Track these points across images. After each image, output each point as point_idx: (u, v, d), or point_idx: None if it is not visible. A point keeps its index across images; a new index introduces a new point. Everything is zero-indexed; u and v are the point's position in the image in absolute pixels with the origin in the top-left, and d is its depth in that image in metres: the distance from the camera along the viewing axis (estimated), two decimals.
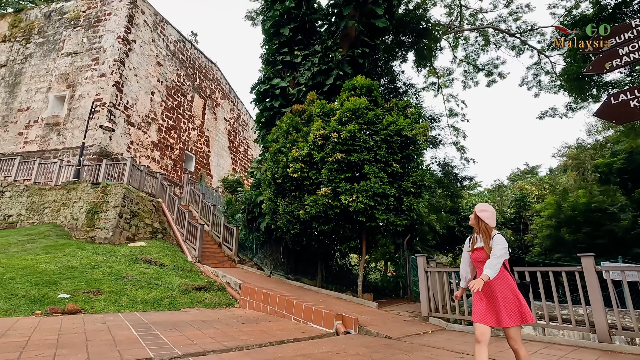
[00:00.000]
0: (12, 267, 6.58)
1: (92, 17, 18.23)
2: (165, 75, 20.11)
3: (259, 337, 4.47)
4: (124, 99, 16.89)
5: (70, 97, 16.86)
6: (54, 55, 18.10)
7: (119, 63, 16.72)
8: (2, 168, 13.92)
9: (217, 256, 10.99)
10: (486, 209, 2.94)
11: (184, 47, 22.29)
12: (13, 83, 18.36)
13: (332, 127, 7.35)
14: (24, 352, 3.27)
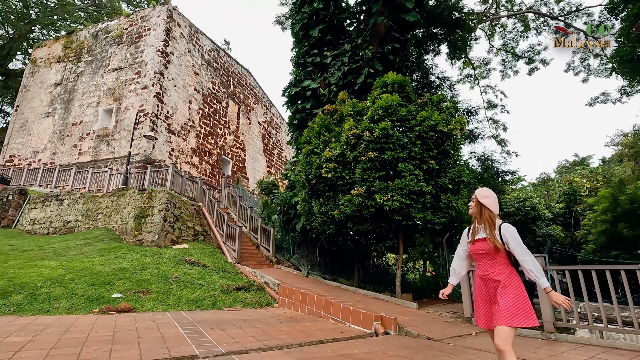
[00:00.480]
0: (72, 268, 7.16)
1: (133, 33, 19.41)
2: (201, 84, 20.96)
3: (298, 337, 4.52)
4: (165, 109, 17.81)
5: (117, 110, 18.06)
6: (102, 71, 19.48)
7: (159, 75, 17.66)
8: (61, 178, 15.19)
9: (255, 257, 11.27)
10: (489, 195, 2.63)
11: (218, 55, 23.10)
12: (67, 100, 19.98)
13: (365, 126, 7.29)
14: (84, 347, 3.54)
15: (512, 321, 2.33)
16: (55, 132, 19.50)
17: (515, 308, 2.36)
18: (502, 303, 2.40)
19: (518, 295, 2.41)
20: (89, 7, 30.55)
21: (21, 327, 4.35)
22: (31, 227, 12.77)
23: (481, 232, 2.59)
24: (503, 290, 2.44)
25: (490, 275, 2.51)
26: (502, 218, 10.31)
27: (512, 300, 2.38)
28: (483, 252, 2.53)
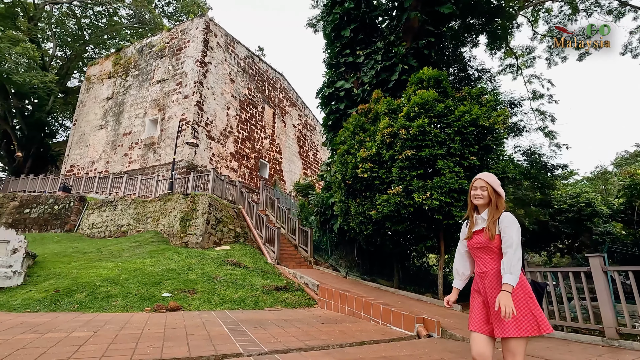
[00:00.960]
0: (126, 269, 7.68)
1: (174, 46, 20.50)
2: (238, 90, 21.66)
3: (339, 338, 4.52)
4: (205, 116, 18.62)
5: (162, 119, 19.14)
6: (147, 84, 20.76)
7: (198, 84, 18.50)
8: (114, 185, 16.37)
9: (294, 258, 11.43)
10: (498, 181, 2.30)
11: (253, 62, 23.75)
12: (118, 112, 21.50)
13: (400, 124, 7.15)
14: (139, 343, 3.79)
15: (520, 330, 1.98)
16: (108, 143, 21.05)
17: (522, 313, 2.03)
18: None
19: (524, 297, 2.07)
20: (134, 25, 32.68)
21: (84, 323, 4.74)
22: (90, 231, 13.87)
23: (480, 223, 2.26)
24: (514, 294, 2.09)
25: (489, 272, 2.18)
26: (551, 216, 9.67)
27: (526, 304, 2.05)
28: (480, 246, 2.21)
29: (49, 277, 7.12)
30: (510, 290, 1.99)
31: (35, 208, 15.37)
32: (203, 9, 35.83)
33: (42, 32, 30.15)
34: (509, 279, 2.00)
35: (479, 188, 2.26)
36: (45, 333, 4.08)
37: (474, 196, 2.27)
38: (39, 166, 29.17)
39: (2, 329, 4.19)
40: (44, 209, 15.15)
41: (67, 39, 31.60)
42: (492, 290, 2.14)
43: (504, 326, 2.01)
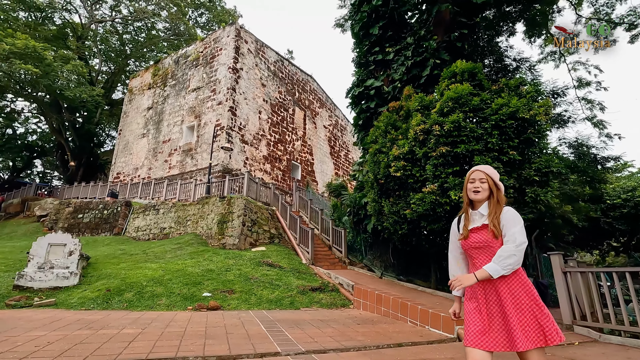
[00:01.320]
0: (169, 270, 8.07)
1: (208, 55, 21.28)
2: (269, 94, 22.09)
3: (375, 339, 4.48)
4: (238, 121, 19.16)
5: (198, 126, 19.93)
6: (184, 92, 21.70)
7: (231, 90, 19.07)
8: (156, 190, 17.26)
9: (328, 258, 11.46)
10: (497, 173, 2.08)
11: (282, 65, 24.11)
12: (158, 121, 22.66)
13: (433, 120, 6.95)
14: (182, 341, 3.96)
15: (538, 340, 1.77)
16: (149, 150, 22.24)
17: (537, 321, 1.80)
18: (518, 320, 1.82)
19: (530, 302, 1.83)
20: (170, 37, 34.31)
21: (133, 320, 5.03)
22: (135, 234, 14.71)
23: (478, 219, 2.01)
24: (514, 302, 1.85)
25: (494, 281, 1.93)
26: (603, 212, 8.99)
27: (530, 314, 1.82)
28: (480, 245, 1.94)
29: (100, 278, 7.64)
30: (479, 277, 1.83)
31: (87, 213, 16.55)
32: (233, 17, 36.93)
33: (89, 50, 32.48)
34: (491, 267, 1.81)
35: (478, 180, 2.03)
36: (99, 329, 4.37)
37: (472, 189, 2.03)
38: (90, 174, 31.42)
39: (62, 325, 4.55)
40: (95, 214, 16.26)
41: (111, 54, 33.79)
42: (493, 297, 1.90)
43: (518, 339, 1.77)
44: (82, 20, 32.22)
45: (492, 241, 1.90)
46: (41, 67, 22.93)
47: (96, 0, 32.04)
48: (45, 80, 23.98)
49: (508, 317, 1.82)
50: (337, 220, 13.42)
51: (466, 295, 2.04)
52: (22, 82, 25.63)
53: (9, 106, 31.57)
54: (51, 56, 23.65)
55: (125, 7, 32.79)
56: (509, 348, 1.82)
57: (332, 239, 12.44)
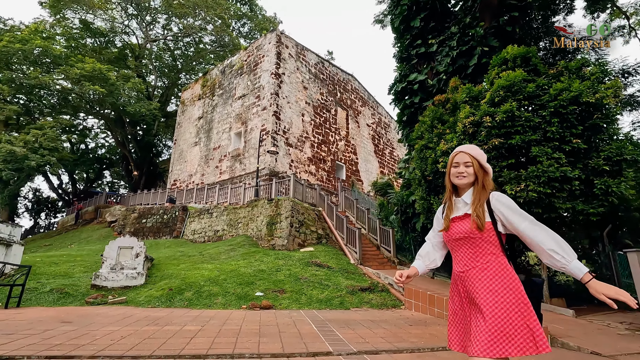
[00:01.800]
0: (224, 270, 8.48)
1: (251, 63, 22.06)
2: (311, 97, 22.35)
3: (429, 341, 4.33)
4: (282, 125, 19.62)
5: (245, 132, 20.74)
6: (230, 101, 22.71)
7: (274, 95, 19.60)
8: (209, 195, 18.24)
9: (376, 258, 11.31)
10: (482, 152, 1.81)
11: (323, 66, 24.28)
12: (208, 129, 23.94)
13: (483, 111, 6.58)
14: (238, 338, 4.14)
15: (495, 349, 1.45)
16: (202, 157, 23.56)
17: (505, 326, 1.48)
18: (483, 318, 1.53)
19: (517, 303, 1.52)
20: (216, 49, 36.12)
21: (193, 318, 5.36)
22: (192, 237, 15.65)
23: (460, 209, 1.77)
24: (487, 295, 1.56)
25: (471, 272, 1.67)
26: None
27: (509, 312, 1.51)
28: (460, 237, 1.70)
29: (163, 278, 8.24)
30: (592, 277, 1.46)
31: (149, 218, 17.94)
32: (274, 24, 37.93)
33: (145, 67, 35.22)
34: (577, 266, 1.48)
35: (462, 164, 1.77)
36: (164, 326, 4.72)
37: (456, 174, 1.78)
38: (151, 182, 34.06)
39: (133, 321, 4.98)
40: (156, 218, 17.58)
41: (165, 70, 36.36)
42: (477, 293, 1.61)
43: (477, 341, 1.49)
44: (138, 40, 35.06)
45: (475, 233, 1.65)
46: (106, 87, 25.31)
47: (150, 21, 34.68)
48: (110, 98, 26.42)
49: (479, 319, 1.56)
50: (384, 219, 13.20)
51: (451, 294, 1.83)
52: (91, 101, 28.46)
53: (81, 124, 35.24)
54: (114, 76, 26.01)
55: (175, 24, 35.10)
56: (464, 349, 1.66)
57: (379, 238, 12.26)
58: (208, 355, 3.41)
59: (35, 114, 28.89)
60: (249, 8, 39.00)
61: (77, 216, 25.44)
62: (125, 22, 34.07)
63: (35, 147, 23.33)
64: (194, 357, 3.36)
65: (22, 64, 25.74)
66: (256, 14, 39.12)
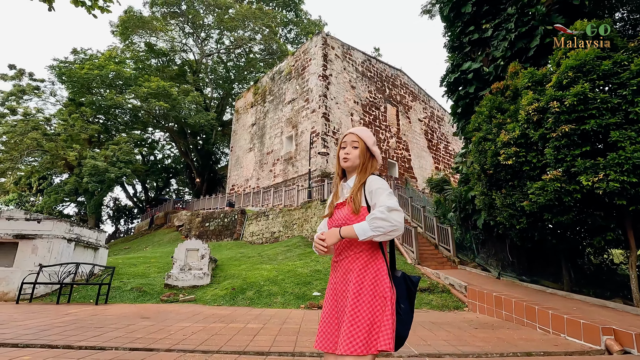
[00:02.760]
0: (282, 271, 8.75)
1: (299, 67, 22.53)
2: (359, 96, 22.20)
3: (497, 345, 4.06)
4: (331, 126, 19.74)
5: (295, 135, 21.22)
6: (281, 106, 23.39)
7: (322, 97, 19.79)
8: (264, 198, 18.94)
9: (435, 257, 10.88)
10: (372, 135, 1.69)
11: (370, 64, 23.98)
12: (261, 135, 24.90)
13: (550, 96, 6.01)
14: (298, 337, 4.24)
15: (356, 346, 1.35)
16: (256, 162, 24.57)
17: (368, 322, 1.38)
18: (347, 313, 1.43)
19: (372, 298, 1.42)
20: (265, 57, 37.48)
21: (255, 316, 5.60)
22: (251, 238, 16.38)
23: (344, 194, 1.66)
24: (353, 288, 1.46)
25: (344, 261, 1.56)
26: None
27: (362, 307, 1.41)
28: (340, 223, 1.57)
29: (226, 278, 8.73)
30: (344, 234, 1.46)
31: (212, 222, 19.12)
32: (319, 26, 38.36)
33: (202, 81, 37.70)
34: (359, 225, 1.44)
35: (350, 144, 1.67)
36: (229, 323, 5.00)
37: (342, 157, 1.67)
38: (211, 188, 36.31)
39: (201, 318, 5.34)
40: (218, 222, 18.68)
41: (219, 81, 38.58)
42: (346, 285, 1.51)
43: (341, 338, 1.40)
44: (195, 56, 37.63)
45: (351, 217, 1.54)
46: (169, 102, 27.54)
47: (205, 38, 37.05)
48: (173, 112, 28.71)
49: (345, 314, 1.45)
50: (442, 217, 12.65)
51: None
52: (157, 116, 31.16)
53: (150, 137, 38.73)
54: (176, 91, 28.22)
55: (227, 38, 37.07)
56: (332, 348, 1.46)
57: (437, 237, 11.77)
58: (270, 353, 3.54)
59: (112, 131, 32.39)
60: (294, 14, 39.91)
61: (151, 221, 27.98)
62: (183, 40, 36.79)
63: (114, 160, 26.15)
64: (258, 354, 3.51)
65: (100, 88, 29.00)
66: (301, 18, 39.88)
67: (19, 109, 28.22)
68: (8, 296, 7.59)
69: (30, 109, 28.87)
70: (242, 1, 37.92)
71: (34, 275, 7.52)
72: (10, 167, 27.45)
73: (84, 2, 5.74)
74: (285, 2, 38.86)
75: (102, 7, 5.85)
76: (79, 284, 7.91)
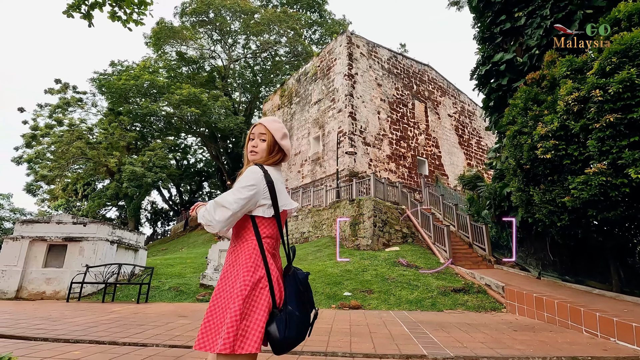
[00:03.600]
0: (312, 271, 8.80)
1: (324, 67, 22.57)
2: (385, 93, 21.91)
3: (539, 349, 3.87)
4: (358, 125, 19.61)
5: (322, 136, 21.27)
6: (307, 107, 23.54)
7: (348, 96, 19.71)
8: (293, 198, 19.13)
9: (469, 257, 10.53)
10: (283, 127, 1.64)
11: (396, 61, 23.61)
12: (288, 136, 25.16)
13: (591, 84, 5.65)
14: (330, 337, 4.25)
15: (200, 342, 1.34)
16: (285, 163, 24.86)
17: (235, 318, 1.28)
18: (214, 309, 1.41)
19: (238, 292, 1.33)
20: (291, 59, 37.86)
21: None
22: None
23: None
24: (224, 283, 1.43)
25: (228, 255, 1.53)
26: None
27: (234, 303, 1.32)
28: None
29: None
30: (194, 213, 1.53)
31: None
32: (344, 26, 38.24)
33: (230, 86, 38.67)
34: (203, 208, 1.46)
35: (257, 136, 1.60)
36: None
37: (250, 148, 1.61)
38: None
39: None
40: None
41: (247, 85, 39.42)
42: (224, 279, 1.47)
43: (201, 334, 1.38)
44: (223, 62, 38.68)
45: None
46: (200, 108, 28.48)
47: (232, 44, 38.00)
48: (204, 117, 29.65)
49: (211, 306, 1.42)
50: (475, 214, 12.22)
51: None
52: (189, 122, 32.31)
53: (183, 143, 40.25)
54: (206, 97, 29.14)
55: (253, 42, 37.80)
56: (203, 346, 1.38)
57: (471, 235, 11.39)
58: (303, 352, 3.57)
59: (148, 137, 33.97)
60: (318, 15, 40.02)
61: (186, 223, 29.05)
62: (211, 47, 37.92)
63: (150, 166, 27.42)
64: (290, 353, 3.55)
65: (136, 97, 30.50)
66: (325, 19, 39.93)
67: (65, 120, 30.29)
68: (59, 295, 8.16)
69: (74, 120, 30.92)
70: (267, 5, 38.53)
71: (82, 275, 8.03)
72: (59, 175, 29.47)
73: (119, 16, 6.06)
74: (309, 3, 39.06)
75: (136, 21, 6.15)
76: (121, 284, 8.36)
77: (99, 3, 5.86)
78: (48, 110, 30.36)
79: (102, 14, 5.98)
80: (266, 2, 39.47)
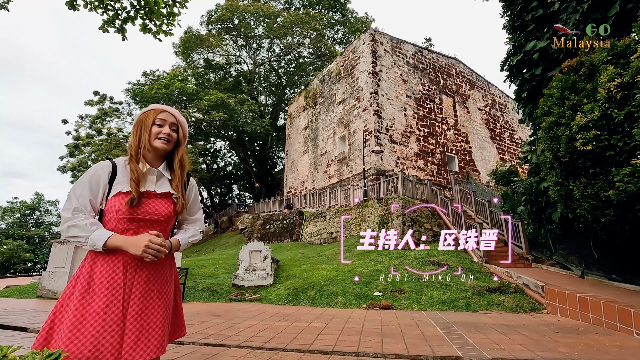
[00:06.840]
0: (341, 270, 8.78)
1: (348, 66, 22.48)
2: (411, 89, 21.51)
3: (585, 352, 3.65)
4: (384, 123, 19.38)
5: (348, 135, 21.19)
6: (332, 107, 23.53)
7: (373, 94, 19.51)
8: (320, 199, 19.19)
9: (505, 255, 10.10)
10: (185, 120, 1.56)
11: (422, 56, 23.11)
12: (314, 137, 25.28)
13: (636, 69, 5.27)
14: (361, 337, 4.22)
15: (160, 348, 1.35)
16: (311, 164, 24.99)
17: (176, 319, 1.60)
18: (159, 313, 1.37)
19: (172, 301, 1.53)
20: (314, 60, 38.03)
21: (317, 316, 5.69)
22: (309, 239, 16.69)
23: (156, 184, 1.44)
24: (165, 288, 1.45)
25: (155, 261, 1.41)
26: None
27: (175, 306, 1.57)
28: (157, 219, 1.40)
29: (288, 278, 8.99)
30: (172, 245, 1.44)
31: (272, 224, 19.86)
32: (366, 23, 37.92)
33: (256, 90, 39.39)
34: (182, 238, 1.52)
35: (169, 125, 1.46)
36: (293, 322, 5.14)
37: (160, 136, 1.44)
38: (270, 191, 37.72)
39: (267, 317, 5.57)
40: (277, 224, 19.35)
41: (272, 88, 40.00)
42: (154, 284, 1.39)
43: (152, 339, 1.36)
44: (248, 67, 39.48)
45: (172, 217, 1.47)
46: (228, 112, 29.20)
47: (256, 48, 38.70)
48: (232, 121, 30.38)
49: (153, 315, 1.36)
50: (510, 211, 11.72)
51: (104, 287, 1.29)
52: (218, 126, 33.22)
53: (212, 147, 41.43)
54: (233, 102, 29.85)
55: (277, 45, 38.30)
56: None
57: (506, 233, 10.92)
58: (334, 352, 3.57)
59: None
60: (340, 14, 39.92)
61: (217, 225, 29.88)
62: (237, 53, 38.81)
63: None
64: (322, 353, 3.56)
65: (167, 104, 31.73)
66: (348, 18, 39.76)
67: (103, 130, 32.04)
68: None
69: (112, 129, 32.64)
70: (290, 8, 38.90)
71: None
72: None
73: (150, 28, 6.33)
74: (331, 3, 39.06)
75: (165, 31, 6.40)
76: None
77: (131, 17, 6.16)
78: (88, 120, 32.24)
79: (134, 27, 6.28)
80: (288, 4, 39.85)
